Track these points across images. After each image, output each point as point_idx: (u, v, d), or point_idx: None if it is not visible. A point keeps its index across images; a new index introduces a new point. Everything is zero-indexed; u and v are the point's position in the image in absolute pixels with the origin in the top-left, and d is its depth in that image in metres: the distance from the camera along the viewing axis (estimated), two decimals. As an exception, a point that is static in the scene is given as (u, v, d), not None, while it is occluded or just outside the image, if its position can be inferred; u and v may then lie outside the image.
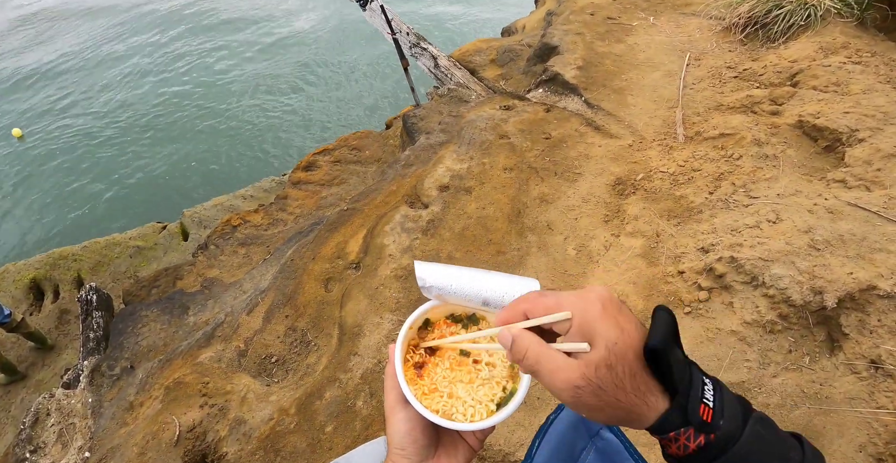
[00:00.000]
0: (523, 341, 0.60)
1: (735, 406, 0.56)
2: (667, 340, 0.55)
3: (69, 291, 5.63)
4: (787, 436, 0.58)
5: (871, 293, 1.95)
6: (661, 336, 0.55)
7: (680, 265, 2.41)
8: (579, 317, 0.57)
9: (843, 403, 1.86)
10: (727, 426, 0.54)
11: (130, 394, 2.86)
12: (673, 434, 0.55)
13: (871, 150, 2.58)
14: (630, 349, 0.55)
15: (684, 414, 0.54)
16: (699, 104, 3.56)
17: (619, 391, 0.54)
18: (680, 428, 0.54)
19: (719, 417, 0.54)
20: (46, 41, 13.60)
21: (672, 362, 0.55)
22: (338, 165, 4.89)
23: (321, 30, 12.83)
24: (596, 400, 0.55)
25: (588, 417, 0.58)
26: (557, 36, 4.65)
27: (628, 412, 0.55)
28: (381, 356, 2.49)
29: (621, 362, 0.54)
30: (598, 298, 0.58)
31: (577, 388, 0.55)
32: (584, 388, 0.54)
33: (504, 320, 0.64)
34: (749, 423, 0.56)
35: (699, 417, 0.54)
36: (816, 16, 3.96)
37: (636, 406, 0.55)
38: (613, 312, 0.57)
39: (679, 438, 0.55)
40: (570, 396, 0.56)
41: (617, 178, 3.11)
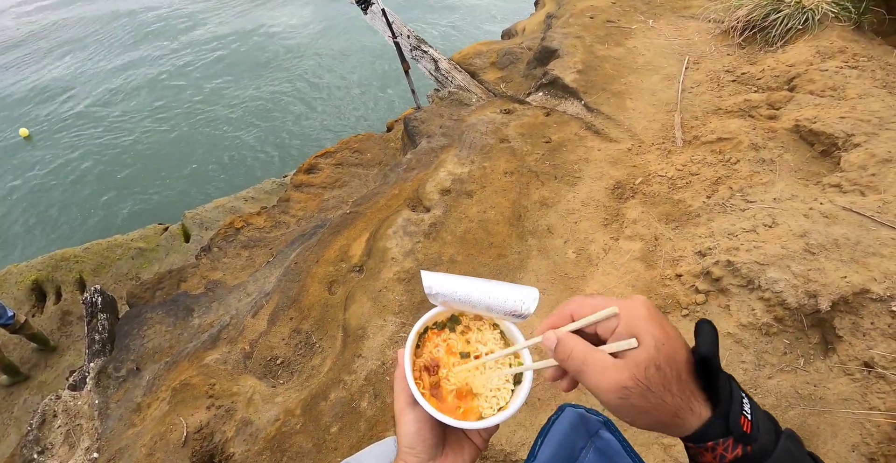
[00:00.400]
0: (568, 343, 0.61)
1: (767, 422, 0.58)
2: (716, 350, 0.57)
3: (71, 293, 5.67)
4: (807, 454, 0.60)
5: (865, 297, 1.99)
6: (711, 345, 0.57)
7: (678, 268, 2.46)
8: (626, 316, 0.58)
9: (837, 404, 1.90)
10: (763, 440, 0.56)
11: (137, 395, 2.90)
12: (711, 444, 0.56)
13: (866, 155, 2.62)
14: (676, 351, 0.56)
15: (726, 424, 0.56)
16: (697, 108, 3.60)
17: (666, 393, 0.55)
18: (720, 438, 0.56)
19: (756, 429, 0.56)
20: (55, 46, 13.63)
21: (719, 372, 0.57)
22: (339, 168, 4.93)
23: (322, 33, 12.87)
24: (643, 402, 0.55)
25: (631, 421, 0.59)
26: (557, 39, 4.69)
27: (672, 416, 0.56)
28: (384, 358, 2.54)
29: (669, 364, 0.55)
30: (643, 302, 0.59)
31: (626, 388, 0.55)
32: (632, 388, 0.55)
33: (551, 325, 0.66)
34: (781, 438, 0.57)
35: (740, 428, 0.56)
36: (814, 20, 4.00)
37: (681, 410, 0.56)
38: (658, 317, 0.59)
39: (717, 448, 0.56)
40: (617, 397, 0.56)
41: (616, 181, 3.16)
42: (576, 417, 0.92)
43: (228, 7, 14.80)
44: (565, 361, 0.61)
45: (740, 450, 0.55)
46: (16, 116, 10.89)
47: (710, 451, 0.56)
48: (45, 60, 13.04)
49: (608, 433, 0.90)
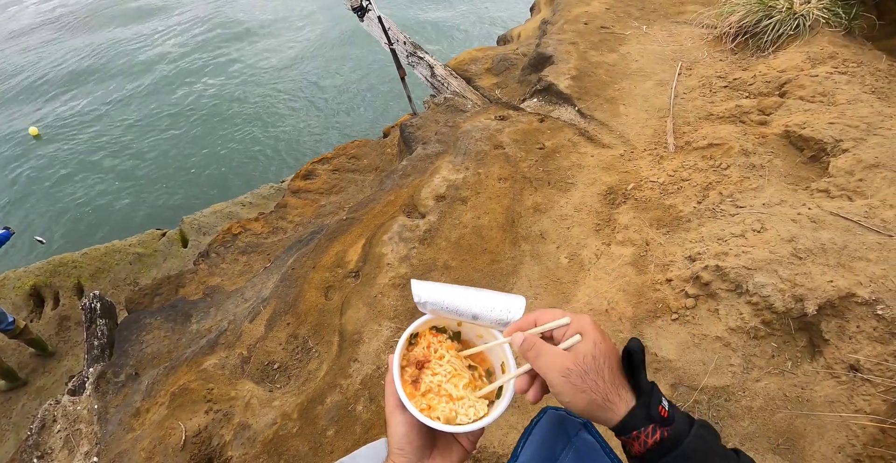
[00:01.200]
0: (531, 339, 0.76)
1: (682, 414, 0.70)
2: (640, 347, 0.71)
3: (69, 298, 5.69)
4: (725, 447, 0.70)
5: (851, 300, 2.03)
6: (635, 345, 0.72)
7: (668, 273, 2.49)
8: (576, 323, 0.75)
9: (824, 406, 1.94)
10: (678, 426, 0.67)
11: (136, 400, 2.93)
12: (635, 433, 0.67)
13: (853, 160, 2.66)
14: (610, 350, 0.72)
15: (647, 411, 0.67)
16: (690, 114, 3.65)
17: (598, 378, 0.69)
18: (642, 426, 0.67)
19: (672, 416, 0.68)
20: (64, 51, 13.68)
21: (641, 370, 0.71)
22: (336, 174, 4.97)
23: (319, 40, 12.93)
24: (580, 382, 0.69)
25: (570, 400, 0.71)
26: (552, 45, 4.74)
27: (604, 398, 0.69)
28: (380, 362, 2.57)
29: (603, 356, 0.70)
30: (590, 317, 0.76)
31: (568, 369, 0.69)
32: (573, 370, 0.69)
33: (518, 327, 0.80)
34: (694, 425, 0.68)
35: (658, 414, 0.67)
36: (805, 25, 4.05)
37: (610, 394, 0.69)
38: (598, 327, 0.75)
39: (640, 436, 0.67)
40: (560, 375, 0.70)
41: (608, 187, 3.20)
42: (556, 418, 0.96)
43: (221, 13, 14.85)
44: (527, 352, 0.76)
45: (659, 434, 0.66)
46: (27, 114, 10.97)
47: (636, 439, 0.67)
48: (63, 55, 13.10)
49: (588, 434, 0.94)
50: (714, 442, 0.68)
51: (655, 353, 2.26)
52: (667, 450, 0.65)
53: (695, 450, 0.66)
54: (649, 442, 0.66)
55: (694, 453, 0.65)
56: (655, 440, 0.66)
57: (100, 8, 15.93)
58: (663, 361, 2.22)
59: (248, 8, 14.88)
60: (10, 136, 10.45)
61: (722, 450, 0.68)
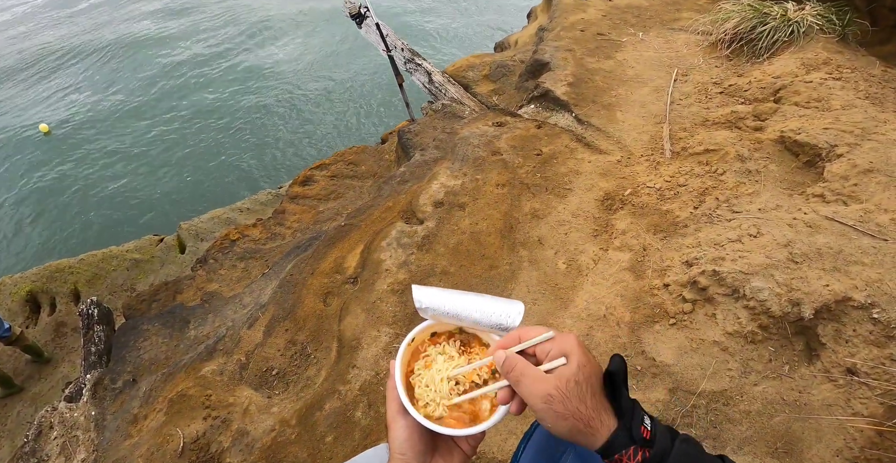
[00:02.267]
0: (513, 360, 0.75)
1: (665, 431, 0.70)
2: (622, 368, 0.72)
3: (66, 304, 5.67)
4: (711, 456, 0.71)
5: (847, 304, 2.04)
6: (617, 366, 0.72)
7: (665, 278, 2.50)
8: (560, 342, 0.74)
9: (821, 409, 1.95)
10: (660, 444, 0.67)
11: (134, 406, 2.92)
12: (617, 456, 0.67)
13: (848, 165, 2.68)
14: (593, 374, 0.71)
15: (629, 433, 0.68)
16: (686, 120, 3.67)
17: (580, 404, 0.68)
18: (623, 449, 0.67)
19: (654, 436, 0.68)
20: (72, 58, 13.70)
21: (622, 390, 0.71)
22: (334, 180, 4.98)
23: (316, 48, 12.98)
24: (562, 408, 0.68)
25: (552, 426, 0.71)
26: (549, 52, 4.77)
27: (586, 425, 0.68)
28: (378, 368, 2.57)
29: (586, 381, 0.69)
30: (575, 336, 0.75)
31: (550, 395, 0.69)
32: (555, 396, 0.69)
33: (502, 345, 0.79)
34: (676, 442, 0.69)
35: (641, 435, 0.68)
36: (799, 32, 4.09)
37: (592, 420, 0.68)
38: (584, 347, 0.74)
39: (622, 459, 0.67)
40: (542, 402, 0.70)
41: (606, 193, 3.22)
42: None
43: (222, 20, 14.90)
44: (509, 374, 0.75)
45: (641, 455, 0.67)
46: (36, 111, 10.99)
47: (619, 462, 0.68)
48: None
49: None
50: (697, 456, 0.69)
51: (654, 358, 2.27)
52: None
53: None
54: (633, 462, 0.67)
55: None
56: (638, 461, 0.67)
57: (105, 15, 15.97)
58: (661, 365, 2.23)
59: (245, 17, 14.93)
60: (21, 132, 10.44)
61: (705, 460, 0.69)
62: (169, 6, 15.96)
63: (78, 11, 16.40)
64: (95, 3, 16.65)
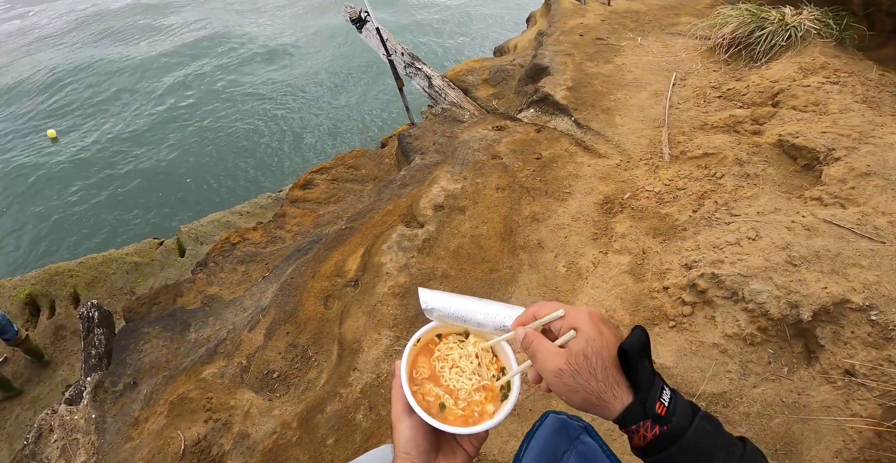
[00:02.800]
0: (530, 336, 0.79)
1: (686, 406, 0.70)
2: (636, 346, 0.70)
3: (65, 307, 5.67)
4: (731, 436, 0.71)
5: (845, 306, 2.06)
6: (633, 342, 0.71)
7: (665, 281, 2.52)
8: (570, 318, 0.76)
9: (820, 411, 1.96)
10: (678, 421, 0.67)
11: (135, 409, 2.93)
12: (634, 427, 0.69)
13: (846, 168, 2.70)
14: (605, 348, 0.71)
15: (643, 408, 0.68)
16: (685, 124, 3.69)
17: (591, 378, 0.70)
18: (640, 421, 0.68)
19: (672, 413, 0.68)
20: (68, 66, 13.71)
21: (639, 366, 0.70)
22: (335, 183, 4.99)
23: (318, 50, 13.02)
24: (573, 382, 0.71)
25: (566, 399, 0.73)
26: (548, 57, 4.80)
27: (598, 398, 0.70)
28: (379, 371, 2.58)
29: (596, 355, 0.70)
30: (587, 309, 0.77)
31: (560, 370, 0.72)
32: (565, 370, 0.71)
33: (520, 322, 0.82)
34: (696, 419, 0.69)
35: (655, 411, 0.68)
36: (797, 36, 4.12)
37: (604, 393, 0.70)
38: (597, 321, 0.75)
39: (639, 430, 0.68)
40: (553, 376, 0.72)
41: (605, 196, 3.23)
42: (558, 422, 0.98)
43: (220, 26, 14.95)
44: (527, 349, 0.78)
45: (657, 429, 0.67)
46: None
47: (635, 433, 0.69)
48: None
49: (589, 438, 0.96)
50: (717, 434, 0.69)
51: (654, 360, 2.27)
52: (667, 444, 0.67)
53: (696, 444, 0.67)
54: (648, 436, 0.68)
55: (695, 447, 0.66)
56: (654, 434, 0.67)
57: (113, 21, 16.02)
58: (661, 368, 2.24)
59: (245, 22, 14.98)
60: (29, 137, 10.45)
61: (726, 442, 0.69)
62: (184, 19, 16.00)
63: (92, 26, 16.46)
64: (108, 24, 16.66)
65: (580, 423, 0.99)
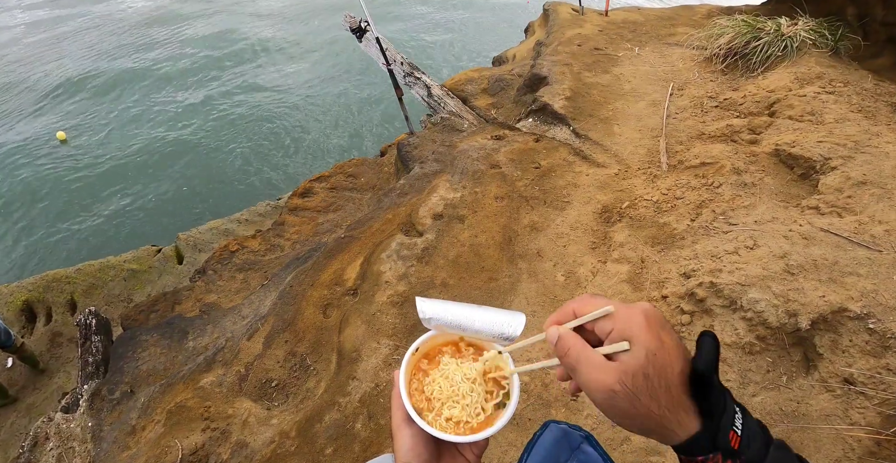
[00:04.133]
0: (567, 340, 0.62)
1: (758, 433, 0.59)
2: (714, 366, 0.57)
3: (62, 314, 5.64)
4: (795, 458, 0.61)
5: (843, 315, 2.07)
6: (709, 362, 0.57)
7: (663, 290, 2.52)
8: (622, 320, 0.59)
9: (820, 420, 1.96)
10: (752, 455, 0.57)
11: (132, 418, 2.91)
12: (701, 459, 0.57)
13: (842, 177, 2.72)
14: (669, 364, 0.56)
15: (714, 439, 0.56)
16: (682, 133, 3.72)
17: (652, 402, 0.56)
18: (709, 453, 0.57)
19: (746, 444, 0.57)
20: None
21: (711, 388, 0.57)
22: (334, 192, 5.00)
23: (317, 59, 13.08)
24: (629, 406, 0.56)
25: (618, 423, 0.60)
26: (546, 66, 4.83)
27: (658, 425, 0.57)
28: (378, 380, 2.57)
29: (659, 374, 0.56)
30: (643, 310, 0.59)
31: (613, 391, 0.56)
32: (619, 392, 0.56)
33: (555, 321, 0.67)
34: (770, 450, 0.58)
35: (728, 444, 0.56)
36: (792, 47, 4.16)
37: (667, 421, 0.57)
38: (656, 326, 0.58)
39: (707, 461, 0.57)
40: (603, 398, 0.58)
41: (603, 206, 3.25)
42: (559, 432, 0.98)
43: (221, 27, 15.02)
44: (563, 357, 0.63)
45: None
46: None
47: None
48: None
49: (590, 447, 0.95)
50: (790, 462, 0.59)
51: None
52: None
53: None
54: None
55: None
56: None
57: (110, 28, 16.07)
58: (660, 376, 2.24)
59: (249, 28, 15.06)
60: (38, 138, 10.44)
61: None
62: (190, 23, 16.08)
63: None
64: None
65: (581, 432, 0.98)
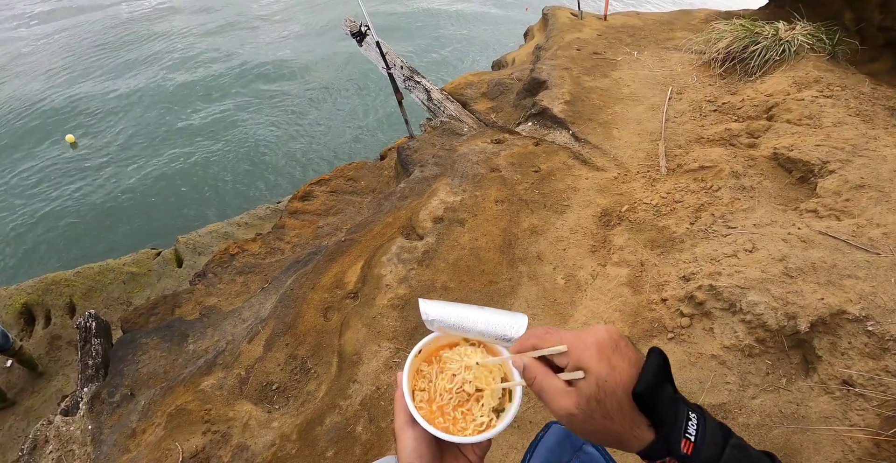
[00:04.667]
0: (532, 370, 0.71)
1: (716, 434, 0.65)
2: (651, 385, 0.63)
3: (61, 317, 5.63)
4: (761, 455, 0.67)
5: (842, 317, 2.08)
6: (647, 382, 0.63)
7: (663, 293, 2.54)
8: (575, 354, 0.66)
9: (819, 421, 1.97)
10: (707, 453, 0.62)
11: (132, 421, 2.91)
12: (659, 462, 0.64)
13: (840, 181, 2.74)
14: (619, 386, 0.63)
15: (667, 446, 0.63)
16: (681, 137, 3.74)
17: (607, 421, 0.63)
18: (666, 457, 0.63)
19: (699, 449, 0.62)
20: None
21: (657, 403, 0.63)
22: (334, 195, 5.01)
23: (317, 62, 13.10)
24: (587, 426, 0.64)
25: (583, 437, 0.68)
26: (545, 71, 4.85)
27: (617, 439, 0.65)
28: (379, 383, 2.58)
29: (610, 397, 0.63)
30: (595, 340, 0.66)
31: (572, 414, 0.65)
32: (577, 415, 0.64)
33: (516, 350, 0.76)
34: (726, 450, 0.64)
35: (680, 451, 0.62)
36: (790, 51, 4.19)
37: (624, 435, 0.64)
38: (607, 353, 0.65)
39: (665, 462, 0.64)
40: (566, 420, 0.66)
41: (603, 209, 3.26)
42: (561, 433, 0.99)
43: (222, 33, 15.06)
44: (531, 385, 0.71)
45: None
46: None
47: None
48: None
49: (592, 448, 0.97)
50: (747, 461, 0.64)
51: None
52: None
53: None
54: None
55: None
56: None
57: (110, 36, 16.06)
58: (660, 379, 2.25)
59: (249, 38, 15.10)
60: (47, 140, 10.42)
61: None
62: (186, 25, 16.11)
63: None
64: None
65: None
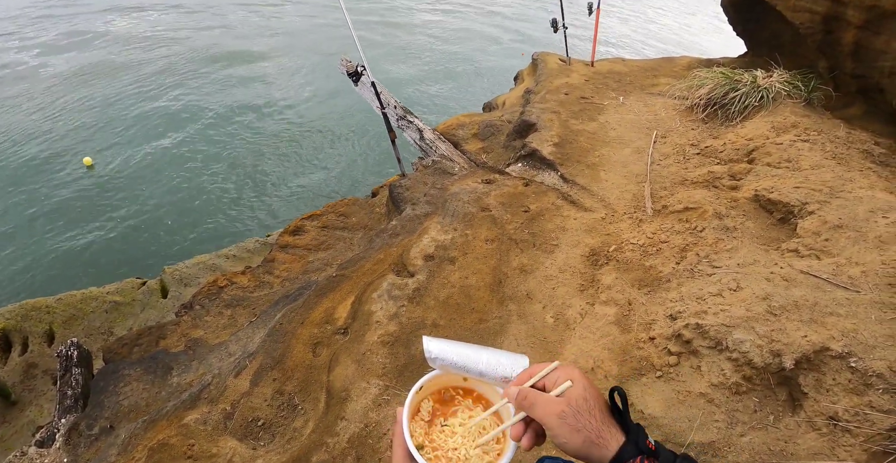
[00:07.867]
0: (525, 391, 0.84)
1: (667, 450, 0.79)
2: (623, 393, 0.82)
3: (39, 345, 5.47)
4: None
5: (825, 354, 2.12)
6: (620, 390, 0.83)
7: (651, 332, 2.57)
8: (565, 371, 0.84)
9: (808, 458, 1.98)
10: (664, 455, 0.77)
11: (111, 454, 2.83)
12: (630, 461, 0.75)
13: (819, 221, 2.83)
14: (597, 396, 0.81)
15: (636, 444, 0.77)
16: (666, 179, 3.85)
17: (591, 417, 0.78)
18: (636, 456, 0.75)
19: (659, 451, 0.77)
20: None
21: (626, 410, 0.82)
22: (325, 231, 5.04)
23: (309, 101, 13.33)
24: (575, 421, 0.77)
25: (567, 440, 0.78)
26: (535, 113, 5.00)
27: (598, 436, 0.77)
28: (367, 420, 2.55)
29: (593, 399, 0.80)
30: (577, 367, 0.86)
31: (563, 411, 0.78)
32: (567, 411, 0.78)
33: (516, 383, 0.88)
34: (679, 459, 0.77)
35: (647, 447, 0.77)
36: (768, 97, 4.38)
37: (603, 431, 0.77)
38: (586, 376, 0.84)
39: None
40: (557, 417, 0.78)
41: (591, 249, 3.32)
42: None
43: (214, 68, 15.29)
44: (523, 403, 0.83)
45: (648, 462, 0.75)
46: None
47: None
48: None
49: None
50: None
51: (641, 410, 2.30)
52: None
53: None
54: None
55: None
56: None
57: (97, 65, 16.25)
58: (649, 418, 2.26)
59: (242, 60, 15.33)
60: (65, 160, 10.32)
61: None
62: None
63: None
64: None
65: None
